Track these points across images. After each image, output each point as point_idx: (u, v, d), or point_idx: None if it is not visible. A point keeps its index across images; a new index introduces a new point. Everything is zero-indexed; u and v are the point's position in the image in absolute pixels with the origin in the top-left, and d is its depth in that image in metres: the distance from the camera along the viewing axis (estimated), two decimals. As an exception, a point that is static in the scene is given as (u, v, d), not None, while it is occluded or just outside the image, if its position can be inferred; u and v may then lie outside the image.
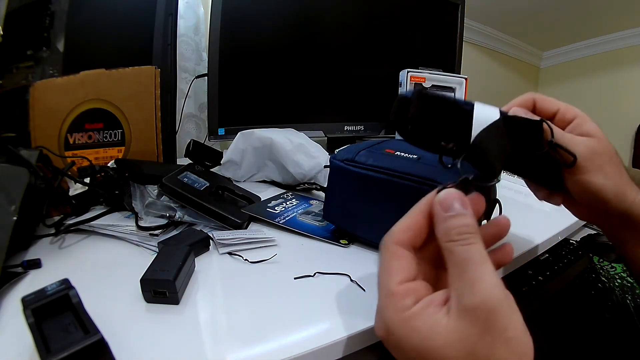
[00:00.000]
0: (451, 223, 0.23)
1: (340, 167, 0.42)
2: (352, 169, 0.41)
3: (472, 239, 0.22)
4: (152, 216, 0.47)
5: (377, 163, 0.40)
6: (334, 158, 0.43)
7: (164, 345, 0.27)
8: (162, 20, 0.68)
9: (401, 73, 0.86)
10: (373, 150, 0.43)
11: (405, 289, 0.24)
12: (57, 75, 0.62)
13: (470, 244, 0.22)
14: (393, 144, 0.45)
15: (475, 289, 0.21)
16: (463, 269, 0.22)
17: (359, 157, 0.41)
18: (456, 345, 0.21)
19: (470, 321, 0.20)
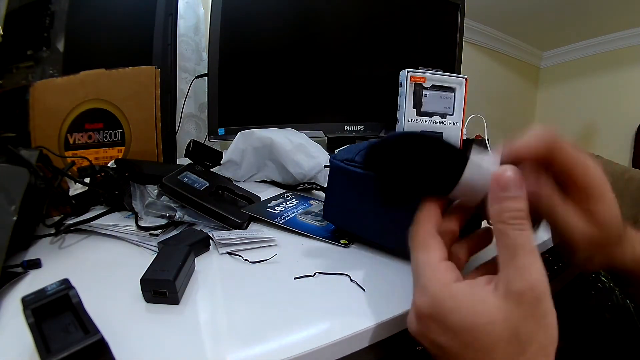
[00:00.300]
0: (507, 205, 0.23)
1: (340, 167, 0.42)
2: (352, 168, 0.40)
3: (525, 225, 0.22)
4: (152, 216, 0.47)
5: None
6: (334, 158, 0.43)
7: (164, 345, 0.27)
8: (162, 20, 0.68)
9: (401, 73, 0.86)
10: None
11: (447, 265, 0.25)
12: (57, 75, 0.62)
13: (523, 230, 0.22)
14: None
15: (526, 275, 0.21)
16: (515, 254, 0.22)
17: (359, 157, 0.41)
18: (501, 324, 0.21)
19: (517, 304, 0.21)
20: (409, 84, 0.84)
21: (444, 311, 0.23)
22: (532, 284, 0.21)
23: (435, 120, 0.87)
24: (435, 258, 0.25)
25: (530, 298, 0.21)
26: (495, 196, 0.23)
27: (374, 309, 0.32)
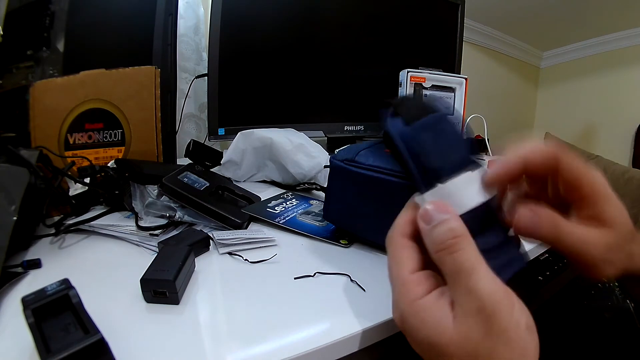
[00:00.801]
0: (435, 233, 0.23)
1: (340, 167, 0.42)
2: (352, 168, 0.40)
3: (459, 244, 0.22)
4: (152, 216, 0.47)
5: (377, 163, 0.40)
6: (334, 158, 0.43)
7: (164, 345, 0.27)
8: (162, 20, 0.68)
9: (401, 73, 0.87)
10: (373, 150, 0.42)
11: (417, 278, 0.24)
12: (57, 75, 0.62)
13: (458, 251, 0.22)
14: None
15: (472, 296, 0.21)
16: (456, 279, 0.22)
17: (359, 157, 0.41)
18: (461, 344, 0.21)
19: (473, 324, 0.21)
20: (409, 84, 0.84)
21: (411, 328, 0.23)
22: (480, 304, 0.21)
23: (435, 120, 0.87)
24: (405, 271, 0.25)
25: (484, 317, 0.21)
26: (424, 231, 0.24)
27: (374, 309, 0.32)
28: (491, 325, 0.21)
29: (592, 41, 2.11)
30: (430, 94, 0.86)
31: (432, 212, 0.23)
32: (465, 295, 0.21)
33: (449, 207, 0.24)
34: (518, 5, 1.69)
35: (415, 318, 0.23)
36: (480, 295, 0.21)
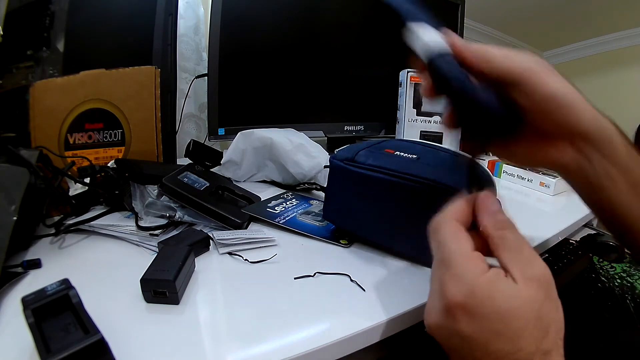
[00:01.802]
0: (499, 217, 0.27)
1: (340, 167, 0.42)
2: (352, 168, 0.40)
3: (515, 228, 0.26)
4: (152, 216, 0.47)
5: (376, 163, 0.40)
6: (333, 158, 0.43)
7: (164, 345, 0.27)
8: (162, 20, 0.68)
9: (401, 73, 0.87)
10: (373, 150, 0.42)
11: (479, 255, 0.26)
12: (57, 75, 0.62)
13: (517, 231, 0.26)
14: (392, 143, 0.45)
15: (534, 264, 0.24)
16: (520, 250, 0.25)
17: (358, 157, 0.41)
18: (528, 305, 0.23)
19: (537, 288, 0.23)
20: (409, 84, 0.84)
21: (481, 298, 0.23)
22: (542, 271, 0.24)
23: (435, 120, 0.87)
24: (467, 248, 0.26)
25: (544, 282, 0.24)
26: (487, 212, 0.28)
27: (374, 309, 0.32)
28: (549, 291, 0.24)
29: (592, 41, 2.11)
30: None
31: (494, 201, 0.28)
32: (527, 264, 0.24)
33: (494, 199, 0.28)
34: (518, 5, 1.69)
35: (489, 288, 0.24)
36: (541, 263, 0.24)
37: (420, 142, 0.47)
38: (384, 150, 0.42)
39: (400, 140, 0.48)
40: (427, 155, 0.42)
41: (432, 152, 0.43)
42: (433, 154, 0.42)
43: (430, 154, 0.42)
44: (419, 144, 0.46)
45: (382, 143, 0.45)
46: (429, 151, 0.43)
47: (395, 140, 0.47)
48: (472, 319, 0.23)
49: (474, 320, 0.23)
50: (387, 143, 0.45)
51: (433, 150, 0.43)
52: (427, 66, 0.29)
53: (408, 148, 0.43)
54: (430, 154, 0.42)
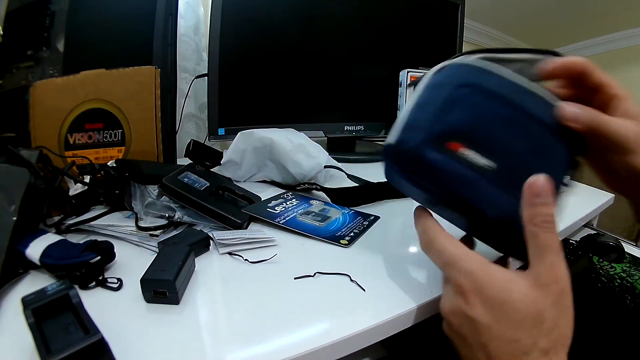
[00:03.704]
0: (539, 210, 0.25)
1: (389, 166, 0.32)
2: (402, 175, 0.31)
3: (553, 228, 0.25)
4: (152, 216, 0.47)
5: (428, 179, 0.29)
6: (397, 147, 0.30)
7: (164, 345, 0.27)
8: (162, 20, 0.68)
9: (401, 73, 0.87)
10: (435, 139, 0.28)
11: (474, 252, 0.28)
12: (57, 75, 0.62)
13: (551, 233, 0.25)
14: (466, 113, 0.28)
15: (553, 270, 0.24)
16: (543, 252, 0.25)
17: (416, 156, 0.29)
18: (529, 304, 0.24)
19: (545, 293, 0.24)
20: (409, 84, 0.84)
21: (482, 284, 0.26)
22: (558, 277, 0.24)
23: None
24: (464, 248, 0.28)
25: (556, 289, 0.24)
26: (528, 201, 0.26)
27: (374, 309, 0.32)
28: (561, 297, 0.24)
29: (592, 41, 2.11)
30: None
31: (543, 189, 0.25)
32: (547, 267, 0.24)
33: (554, 194, 0.26)
34: (518, 5, 1.69)
35: (487, 275, 0.26)
36: (559, 270, 0.24)
37: (511, 101, 0.28)
38: (448, 145, 0.28)
39: (480, 90, 0.29)
40: (512, 149, 0.28)
41: (523, 133, 0.28)
42: (524, 136, 0.28)
43: (519, 139, 0.28)
44: (508, 107, 0.28)
45: (451, 106, 0.29)
46: (519, 133, 0.28)
47: (473, 94, 0.29)
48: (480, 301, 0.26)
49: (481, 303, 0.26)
50: (458, 111, 0.29)
51: (526, 124, 0.28)
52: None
53: (488, 135, 0.28)
54: (520, 141, 0.28)
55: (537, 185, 0.26)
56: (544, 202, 0.25)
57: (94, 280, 0.34)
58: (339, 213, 0.52)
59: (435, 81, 0.31)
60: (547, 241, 0.25)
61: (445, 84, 0.30)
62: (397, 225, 0.52)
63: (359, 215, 0.52)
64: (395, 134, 0.31)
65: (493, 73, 0.29)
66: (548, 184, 0.25)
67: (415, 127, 0.30)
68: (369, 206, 0.57)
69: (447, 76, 0.31)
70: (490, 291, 0.25)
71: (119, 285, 0.34)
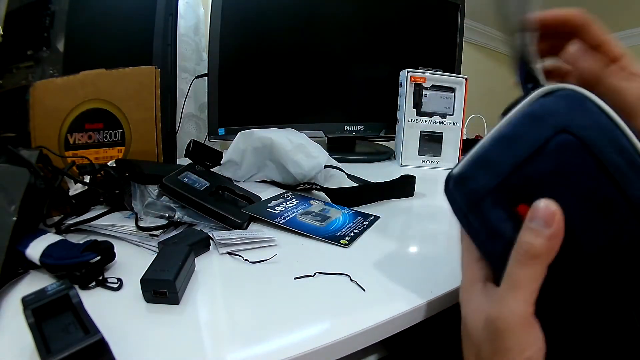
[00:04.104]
0: (522, 235, 0.22)
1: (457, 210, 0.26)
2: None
3: (528, 261, 0.22)
4: (152, 216, 0.47)
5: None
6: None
7: (164, 345, 0.27)
8: (162, 20, 0.68)
9: (401, 73, 0.87)
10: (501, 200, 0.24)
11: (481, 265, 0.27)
12: (57, 75, 0.62)
13: (522, 265, 0.22)
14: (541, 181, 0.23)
15: (499, 305, 0.23)
16: (504, 281, 0.23)
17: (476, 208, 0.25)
18: (476, 334, 0.24)
19: (486, 328, 0.23)
20: (409, 84, 0.84)
21: (462, 300, 0.27)
22: (498, 316, 0.22)
23: (435, 120, 0.87)
24: (471, 257, 0.27)
25: (494, 328, 0.22)
26: (524, 223, 0.22)
27: (374, 309, 0.32)
28: (497, 338, 0.22)
29: (592, 41, 2.11)
30: (430, 94, 0.86)
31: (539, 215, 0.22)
32: (498, 298, 0.23)
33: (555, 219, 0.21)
34: (518, 5, 1.69)
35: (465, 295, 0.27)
36: (505, 308, 0.22)
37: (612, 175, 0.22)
38: (519, 209, 0.23)
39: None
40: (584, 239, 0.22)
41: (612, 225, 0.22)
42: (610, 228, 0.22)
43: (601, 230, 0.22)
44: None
45: (539, 155, 0.23)
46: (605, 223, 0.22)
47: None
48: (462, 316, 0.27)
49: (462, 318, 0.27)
50: (545, 164, 0.23)
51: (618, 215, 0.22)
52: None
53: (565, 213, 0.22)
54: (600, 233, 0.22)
55: (535, 209, 0.22)
56: (533, 229, 0.22)
57: (94, 280, 0.34)
58: (339, 213, 0.52)
59: (534, 111, 0.24)
60: (513, 270, 0.22)
61: (545, 120, 0.23)
62: (397, 225, 0.52)
63: (359, 215, 0.52)
64: (462, 164, 0.25)
65: (611, 121, 0.22)
66: (550, 211, 0.21)
67: (490, 165, 0.24)
68: (369, 206, 0.57)
69: (552, 109, 0.23)
70: (463, 310, 0.27)
71: (119, 285, 0.34)
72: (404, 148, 0.86)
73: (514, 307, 0.22)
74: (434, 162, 0.88)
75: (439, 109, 0.87)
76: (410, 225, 0.53)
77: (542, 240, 0.21)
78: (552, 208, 0.21)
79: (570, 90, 0.23)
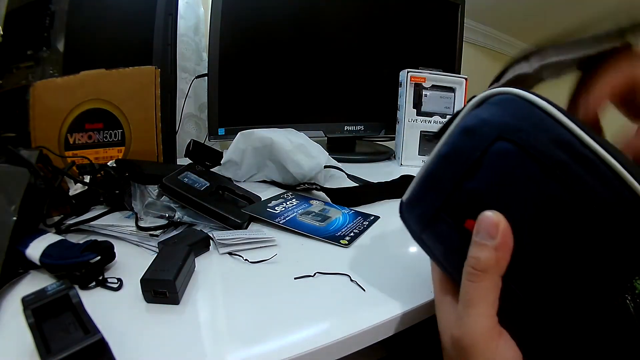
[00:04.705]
0: (471, 251, 0.22)
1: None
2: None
3: (477, 277, 0.21)
4: (152, 216, 0.47)
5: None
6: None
7: (164, 345, 0.27)
8: (162, 20, 0.68)
9: (401, 73, 0.87)
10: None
11: (445, 278, 0.28)
12: (57, 75, 0.62)
13: (475, 282, 0.22)
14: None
15: (459, 323, 0.23)
16: (462, 300, 0.23)
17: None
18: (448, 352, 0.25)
19: (453, 346, 0.24)
20: (409, 84, 0.84)
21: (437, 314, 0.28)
22: (460, 334, 0.22)
23: (435, 120, 0.87)
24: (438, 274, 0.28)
25: (459, 346, 0.23)
26: (472, 238, 0.22)
27: (374, 309, 0.32)
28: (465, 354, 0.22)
29: (592, 41, 2.11)
30: (430, 94, 0.86)
31: (481, 227, 0.21)
32: (457, 319, 0.23)
33: (499, 229, 0.20)
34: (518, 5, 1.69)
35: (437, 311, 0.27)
36: (467, 326, 0.22)
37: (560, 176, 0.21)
38: (467, 224, 0.23)
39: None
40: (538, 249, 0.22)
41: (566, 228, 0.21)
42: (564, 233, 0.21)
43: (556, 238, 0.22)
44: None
45: (478, 168, 0.23)
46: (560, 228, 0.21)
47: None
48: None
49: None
50: (485, 176, 0.22)
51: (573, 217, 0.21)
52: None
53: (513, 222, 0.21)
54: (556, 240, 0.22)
55: (477, 222, 0.21)
56: (478, 243, 0.21)
57: (94, 280, 0.34)
58: (339, 213, 0.52)
59: (468, 124, 0.23)
60: (469, 289, 0.22)
61: (479, 130, 0.22)
62: (397, 225, 0.51)
63: (359, 215, 0.52)
64: (410, 189, 0.26)
65: (551, 117, 0.21)
66: (493, 222, 0.20)
67: (434, 185, 0.25)
68: (369, 206, 0.57)
69: (484, 118, 0.22)
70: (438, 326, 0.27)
71: (119, 285, 0.34)
72: (404, 148, 0.86)
73: (472, 324, 0.22)
74: (434, 162, 0.88)
75: (439, 109, 0.87)
76: (410, 225, 0.53)
77: (488, 253, 0.21)
78: (494, 219, 0.21)
79: (502, 95, 0.22)
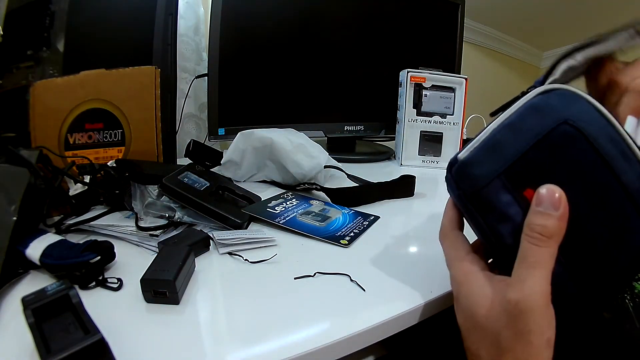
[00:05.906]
0: (533, 218, 0.24)
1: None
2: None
3: (543, 242, 0.23)
4: (152, 216, 0.47)
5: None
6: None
7: (164, 345, 0.27)
8: (162, 20, 0.68)
9: (401, 73, 0.87)
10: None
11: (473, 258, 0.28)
12: (57, 75, 0.62)
13: (540, 247, 0.23)
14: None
15: (520, 286, 0.23)
16: (521, 263, 0.24)
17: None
18: (491, 323, 0.24)
19: (505, 311, 0.23)
20: (409, 84, 0.84)
21: (459, 293, 0.27)
22: (520, 297, 0.23)
23: (435, 120, 0.87)
24: (463, 253, 0.29)
25: (516, 310, 0.23)
26: (531, 208, 0.24)
27: (374, 309, 0.32)
28: (518, 320, 0.23)
29: (592, 41, 2.11)
30: (430, 94, 0.86)
31: (546, 199, 0.24)
32: (517, 280, 0.23)
33: (562, 202, 0.23)
34: (518, 5, 1.69)
35: (465, 286, 0.27)
36: (526, 289, 0.23)
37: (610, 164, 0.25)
38: (525, 192, 0.25)
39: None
40: (587, 222, 0.25)
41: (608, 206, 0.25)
42: (605, 209, 0.25)
43: (599, 213, 0.25)
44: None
45: (543, 143, 0.25)
46: (602, 205, 0.25)
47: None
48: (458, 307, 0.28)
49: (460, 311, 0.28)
50: (548, 153, 0.25)
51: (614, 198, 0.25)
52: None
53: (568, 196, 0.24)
54: (599, 216, 0.25)
55: (540, 194, 0.24)
56: (542, 212, 0.23)
57: (94, 280, 0.34)
58: (339, 213, 0.52)
59: (536, 103, 0.26)
60: (528, 252, 0.23)
61: (547, 112, 0.25)
62: (397, 225, 0.51)
63: (359, 215, 0.52)
64: (469, 149, 0.27)
65: (604, 117, 0.25)
66: (553, 194, 0.23)
67: (497, 151, 0.26)
68: (369, 206, 0.57)
69: (552, 104, 0.26)
70: (465, 302, 0.27)
71: (119, 285, 0.34)
72: (404, 148, 0.86)
73: (536, 286, 0.23)
74: (434, 162, 0.88)
75: (439, 109, 0.87)
76: (410, 225, 0.53)
77: (554, 221, 0.23)
78: (558, 192, 0.24)
79: (565, 90, 0.26)
